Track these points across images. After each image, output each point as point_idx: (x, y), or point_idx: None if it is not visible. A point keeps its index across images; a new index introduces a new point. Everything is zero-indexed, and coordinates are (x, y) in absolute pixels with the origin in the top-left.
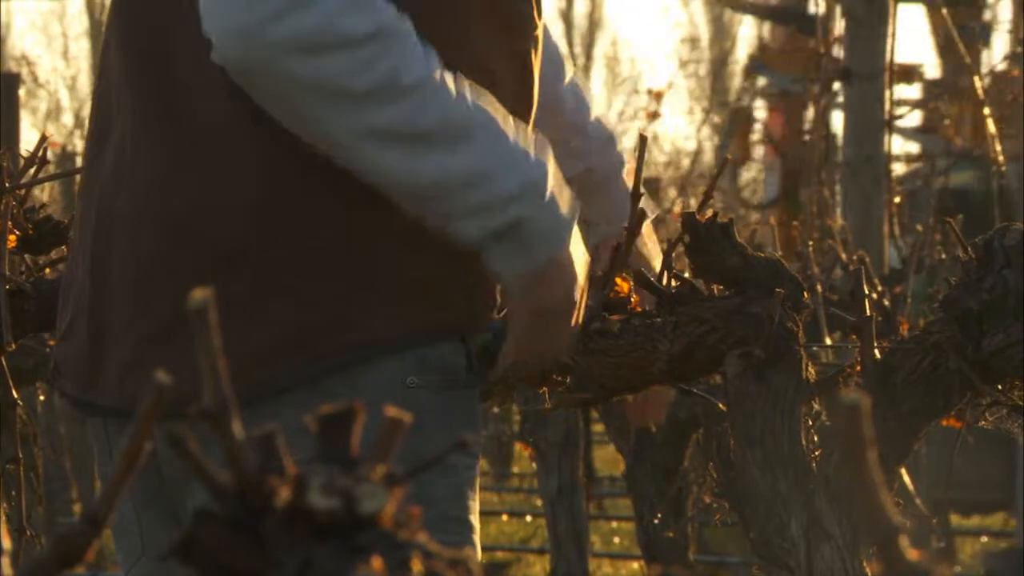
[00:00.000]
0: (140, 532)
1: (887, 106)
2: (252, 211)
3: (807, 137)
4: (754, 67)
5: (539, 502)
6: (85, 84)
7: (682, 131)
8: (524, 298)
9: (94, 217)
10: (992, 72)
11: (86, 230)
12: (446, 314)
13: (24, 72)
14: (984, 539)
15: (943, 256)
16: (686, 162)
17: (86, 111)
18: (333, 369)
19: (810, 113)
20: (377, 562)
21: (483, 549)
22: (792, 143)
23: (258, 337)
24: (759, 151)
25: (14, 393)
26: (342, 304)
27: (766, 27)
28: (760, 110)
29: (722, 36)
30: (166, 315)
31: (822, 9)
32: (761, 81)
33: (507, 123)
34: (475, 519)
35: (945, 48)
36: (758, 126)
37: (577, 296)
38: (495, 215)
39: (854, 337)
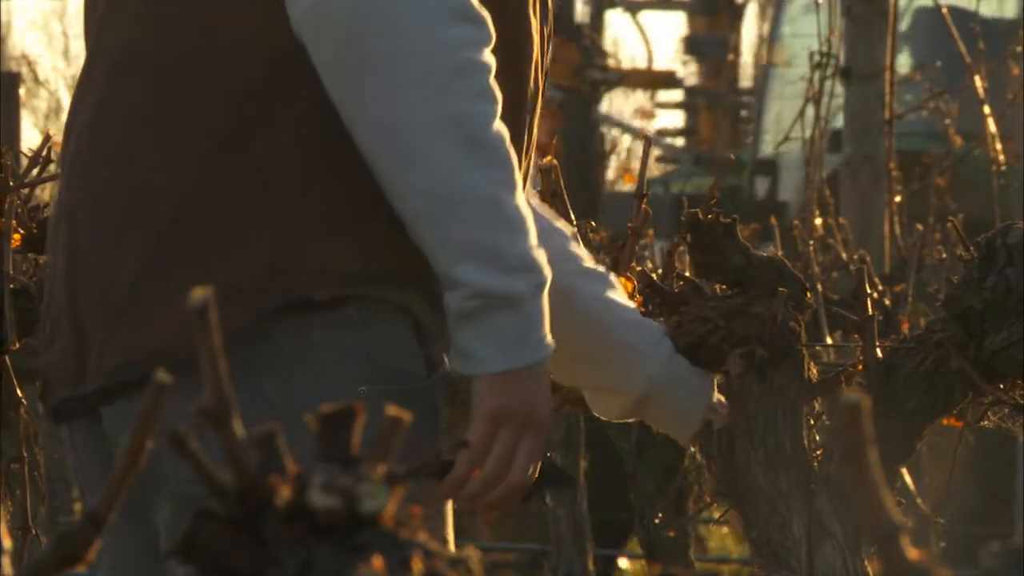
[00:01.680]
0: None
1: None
2: (202, 164)
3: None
4: None
5: None
6: None
7: None
8: (491, 398)
9: (64, 216)
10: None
11: (62, 229)
12: (401, 263)
13: (24, 71)
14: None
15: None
16: None
17: None
18: (301, 309)
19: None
20: (377, 561)
21: (484, 548)
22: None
23: (226, 279)
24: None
25: (18, 392)
26: (307, 246)
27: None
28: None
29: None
30: (129, 281)
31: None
32: None
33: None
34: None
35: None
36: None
37: (547, 416)
38: (503, 276)
39: (856, 336)
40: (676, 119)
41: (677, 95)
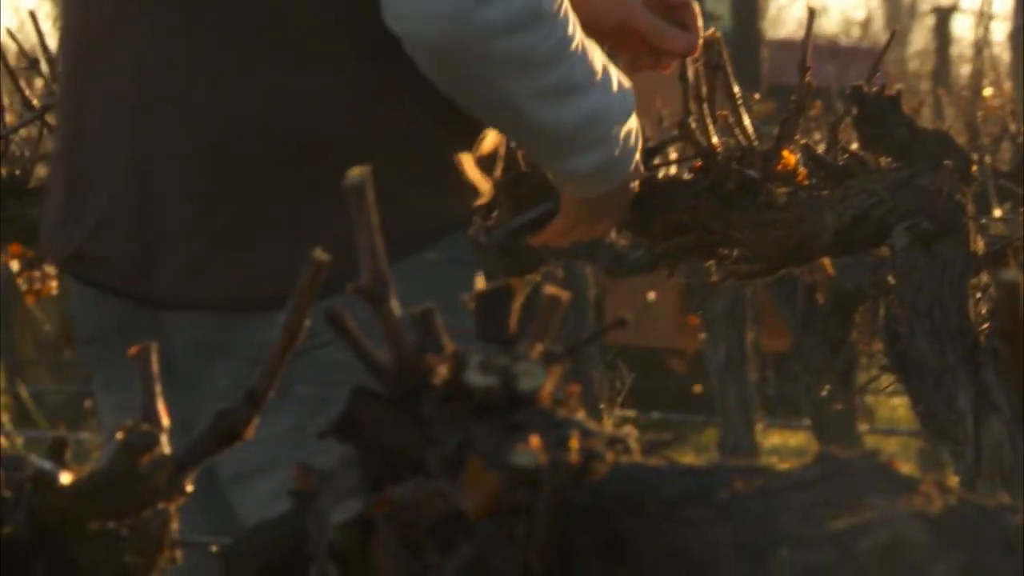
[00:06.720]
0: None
1: None
2: (331, 109)
3: None
4: None
5: None
6: None
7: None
8: (588, 201)
9: (128, 114)
10: None
11: (112, 127)
12: (471, 202)
13: None
14: None
15: None
16: (856, 31)
17: None
18: (404, 255)
19: None
20: (535, 440)
21: (640, 424)
22: None
23: (335, 231)
24: None
25: None
26: (412, 200)
27: None
28: None
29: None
30: (238, 212)
31: None
32: None
33: (602, 58)
34: None
35: None
36: None
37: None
38: (607, 146)
39: (1023, 210)
40: None
41: None
